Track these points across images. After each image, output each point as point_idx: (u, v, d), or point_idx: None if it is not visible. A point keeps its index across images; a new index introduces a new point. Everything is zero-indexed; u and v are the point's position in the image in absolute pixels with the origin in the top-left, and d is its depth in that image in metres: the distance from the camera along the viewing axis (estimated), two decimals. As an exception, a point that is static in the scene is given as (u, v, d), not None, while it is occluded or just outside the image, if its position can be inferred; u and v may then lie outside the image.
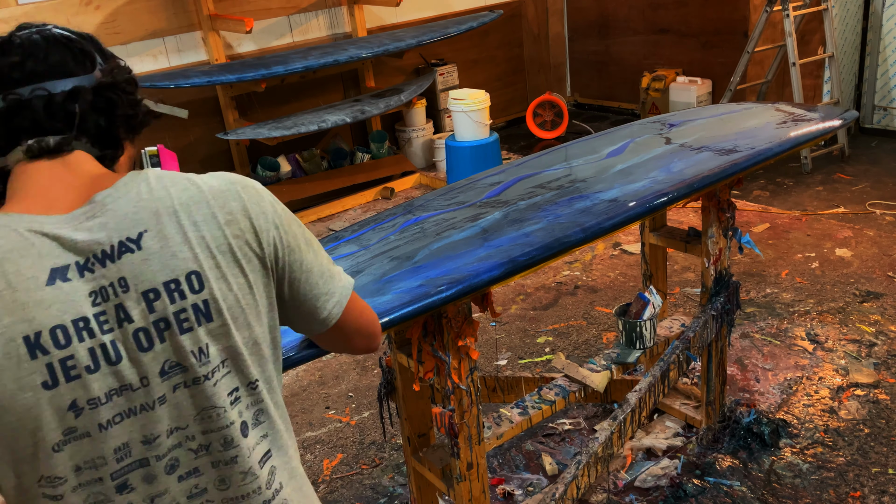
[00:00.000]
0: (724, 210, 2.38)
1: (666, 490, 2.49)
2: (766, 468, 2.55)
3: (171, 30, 5.03)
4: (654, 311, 2.36)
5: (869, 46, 5.55)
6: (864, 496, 2.40)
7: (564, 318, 3.63)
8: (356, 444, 2.90)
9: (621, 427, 2.24)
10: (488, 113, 5.18)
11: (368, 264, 1.84)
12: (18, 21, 4.86)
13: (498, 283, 1.71)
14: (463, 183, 2.33)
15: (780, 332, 3.32)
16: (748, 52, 5.25)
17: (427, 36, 5.31)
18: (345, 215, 5.23)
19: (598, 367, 2.29)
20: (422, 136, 5.91)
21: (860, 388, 2.90)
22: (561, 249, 1.78)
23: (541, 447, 2.77)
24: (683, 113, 2.80)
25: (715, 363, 2.57)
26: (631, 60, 6.62)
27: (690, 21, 6.08)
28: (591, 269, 4.09)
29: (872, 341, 3.18)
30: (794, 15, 4.96)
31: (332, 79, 5.72)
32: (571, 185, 2.15)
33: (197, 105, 5.21)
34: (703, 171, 2.10)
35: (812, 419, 2.76)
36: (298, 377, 3.38)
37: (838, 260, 3.89)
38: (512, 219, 1.95)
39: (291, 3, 5.49)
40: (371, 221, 2.14)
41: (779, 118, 2.54)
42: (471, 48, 6.52)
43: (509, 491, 2.56)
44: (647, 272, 2.73)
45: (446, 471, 2.03)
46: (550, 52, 7.08)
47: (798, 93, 4.98)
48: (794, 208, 4.56)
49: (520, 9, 6.85)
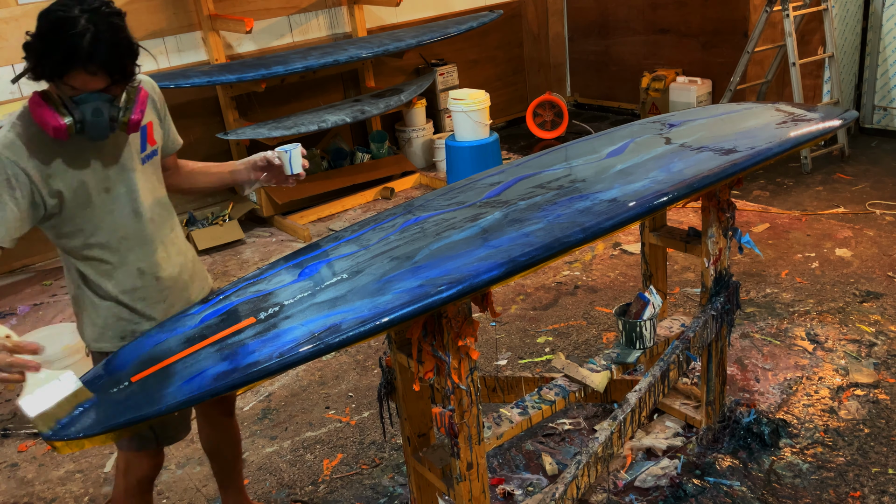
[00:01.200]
0: (724, 210, 2.38)
1: (666, 490, 2.49)
2: (766, 468, 2.55)
3: (171, 30, 5.03)
4: (654, 311, 2.36)
5: (869, 46, 5.55)
6: (864, 496, 2.40)
7: (564, 318, 3.63)
8: (356, 444, 2.90)
9: (621, 427, 2.24)
10: (488, 113, 5.18)
11: (368, 264, 1.84)
12: (18, 20, 4.89)
13: (498, 283, 1.70)
14: (463, 183, 2.32)
15: (780, 332, 3.32)
16: (748, 52, 5.25)
17: (427, 36, 5.31)
18: (345, 215, 5.23)
19: (598, 367, 2.29)
20: (422, 136, 5.91)
21: (860, 388, 2.90)
22: (561, 249, 1.78)
23: (541, 447, 2.77)
24: (683, 113, 2.80)
25: (715, 363, 2.57)
26: (631, 60, 6.62)
27: (690, 21, 6.08)
28: (591, 269, 4.09)
29: (872, 341, 3.18)
30: (794, 15, 4.96)
31: (332, 79, 5.72)
32: (571, 185, 2.15)
33: (197, 105, 5.21)
34: (703, 171, 2.10)
35: (812, 419, 2.76)
36: (298, 377, 3.39)
37: (838, 260, 3.89)
38: (512, 219, 1.95)
39: (291, 3, 5.49)
40: (371, 221, 2.14)
41: (779, 118, 2.54)
42: (471, 48, 6.53)
43: (509, 491, 2.56)
44: (647, 272, 2.73)
45: (446, 471, 2.03)
46: (550, 52, 7.08)
47: (798, 93, 4.98)
48: (794, 208, 4.57)
49: (520, 9, 6.85)
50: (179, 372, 1.50)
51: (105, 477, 2.89)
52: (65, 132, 1.68)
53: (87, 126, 1.69)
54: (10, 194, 1.70)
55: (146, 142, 1.92)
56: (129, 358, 1.60)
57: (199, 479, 2.81)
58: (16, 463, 3.03)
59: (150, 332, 1.70)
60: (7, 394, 3.51)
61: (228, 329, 1.63)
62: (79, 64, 1.63)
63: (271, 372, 1.47)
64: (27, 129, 1.74)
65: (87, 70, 1.64)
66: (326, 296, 1.70)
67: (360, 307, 1.62)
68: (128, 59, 1.69)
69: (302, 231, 4.92)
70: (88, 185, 1.81)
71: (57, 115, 1.68)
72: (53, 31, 1.62)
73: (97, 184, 1.82)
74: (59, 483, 2.89)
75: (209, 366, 1.50)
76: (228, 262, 4.70)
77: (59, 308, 4.31)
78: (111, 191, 1.85)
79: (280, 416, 3.13)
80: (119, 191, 1.86)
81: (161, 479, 2.83)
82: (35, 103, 1.70)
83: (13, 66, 4.57)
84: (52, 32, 1.62)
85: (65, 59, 1.62)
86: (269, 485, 2.75)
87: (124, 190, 1.87)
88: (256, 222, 5.29)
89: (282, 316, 1.65)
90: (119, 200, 1.87)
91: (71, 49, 1.61)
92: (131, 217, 1.89)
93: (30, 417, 1.40)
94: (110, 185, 1.85)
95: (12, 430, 3.23)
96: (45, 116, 1.68)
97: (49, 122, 1.67)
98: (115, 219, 1.87)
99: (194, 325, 1.69)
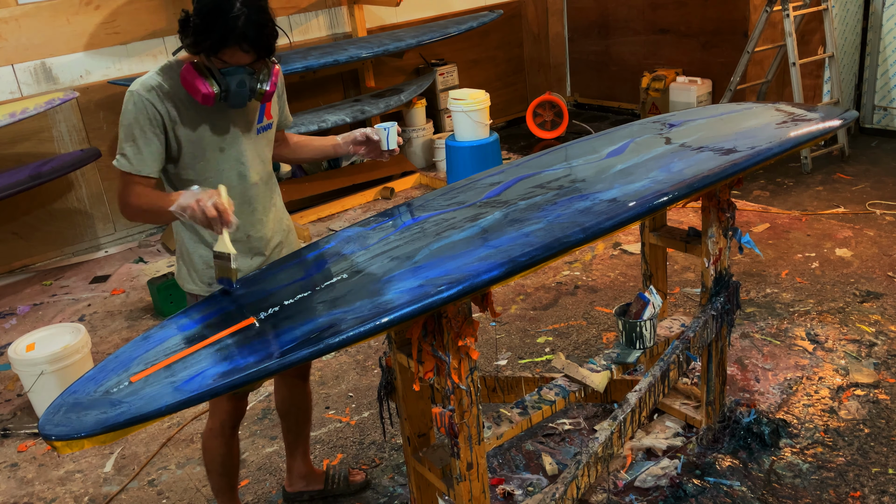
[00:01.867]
0: (724, 210, 2.38)
1: (666, 490, 2.49)
2: (766, 468, 2.55)
3: (171, 30, 5.03)
4: (654, 311, 2.36)
5: (869, 46, 5.55)
6: (864, 496, 2.40)
7: (564, 318, 3.63)
8: (356, 444, 2.90)
9: (621, 427, 2.24)
10: (488, 113, 5.18)
11: (368, 264, 1.84)
12: (18, 20, 4.88)
13: (498, 283, 1.70)
14: (463, 183, 2.33)
15: (780, 332, 3.32)
16: (748, 52, 5.25)
17: (427, 36, 5.31)
18: (345, 215, 5.23)
19: (598, 367, 2.29)
20: (422, 136, 5.91)
21: (860, 388, 2.90)
22: (561, 249, 1.78)
23: (541, 447, 2.77)
24: (683, 113, 2.80)
25: (715, 363, 2.57)
26: (631, 60, 6.62)
27: (690, 21, 6.08)
28: (591, 269, 4.09)
29: (872, 341, 3.18)
30: (794, 15, 4.96)
31: (332, 79, 5.72)
32: (571, 185, 2.15)
33: (197, 105, 5.21)
34: (703, 171, 2.10)
35: (812, 419, 2.76)
36: (298, 377, 3.39)
37: (838, 260, 3.89)
38: (512, 219, 1.95)
39: (291, 3, 5.49)
40: (371, 221, 2.14)
41: (779, 118, 2.54)
42: (471, 48, 6.53)
43: (509, 491, 2.56)
44: (647, 272, 2.73)
45: (446, 471, 2.03)
46: (550, 52, 7.08)
47: (798, 93, 4.98)
48: (794, 208, 4.57)
49: (520, 9, 6.85)
50: (179, 372, 1.50)
51: (105, 477, 2.89)
52: (212, 99, 1.94)
53: (231, 95, 1.95)
54: (153, 131, 1.97)
55: (263, 115, 2.16)
56: (130, 357, 1.60)
57: (199, 479, 2.81)
58: (16, 463, 3.03)
59: (150, 332, 1.70)
60: (7, 394, 3.51)
61: (228, 329, 1.63)
62: (233, 42, 1.88)
63: (271, 372, 1.47)
64: (166, 81, 1.99)
65: (241, 48, 1.89)
66: (326, 296, 1.70)
67: (360, 307, 1.62)
68: (272, 38, 1.94)
69: (302, 231, 4.92)
70: (205, 141, 2.04)
71: (207, 83, 1.93)
72: (212, 14, 1.86)
73: (213, 143, 2.05)
74: (59, 483, 2.89)
75: (209, 366, 1.50)
76: (228, 262, 4.70)
77: (59, 308, 4.31)
78: (224, 151, 2.08)
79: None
80: (231, 153, 2.09)
81: (161, 479, 2.83)
82: (188, 72, 1.93)
83: (13, 65, 4.57)
84: (211, 14, 1.86)
85: (222, 38, 1.87)
86: (269, 485, 2.75)
87: (235, 153, 2.10)
88: (256, 222, 5.28)
89: (282, 316, 1.65)
90: (229, 161, 2.09)
91: (228, 30, 1.86)
92: (237, 178, 2.11)
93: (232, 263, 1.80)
94: (225, 146, 2.08)
95: (12, 430, 3.23)
96: (197, 84, 1.92)
97: (200, 90, 1.92)
98: (223, 177, 2.08)
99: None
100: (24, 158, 4.66)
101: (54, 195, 4.85)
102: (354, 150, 2.31)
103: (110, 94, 4.89)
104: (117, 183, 2.04)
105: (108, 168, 4.98)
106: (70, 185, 4.89)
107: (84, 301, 4.37)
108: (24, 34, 4.58)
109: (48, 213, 4.85)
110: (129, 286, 4.51)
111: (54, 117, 4.75)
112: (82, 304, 4.34)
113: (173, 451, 2.99)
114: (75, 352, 3.20)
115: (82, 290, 4.53)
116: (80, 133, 4.86)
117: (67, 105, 4.75)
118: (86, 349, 3.27)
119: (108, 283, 4.58)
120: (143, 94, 1.95)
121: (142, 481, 2.85)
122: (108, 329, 4.01)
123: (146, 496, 2.76)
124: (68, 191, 4.90)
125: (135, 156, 1.97)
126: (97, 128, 4.91)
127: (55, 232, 4.90)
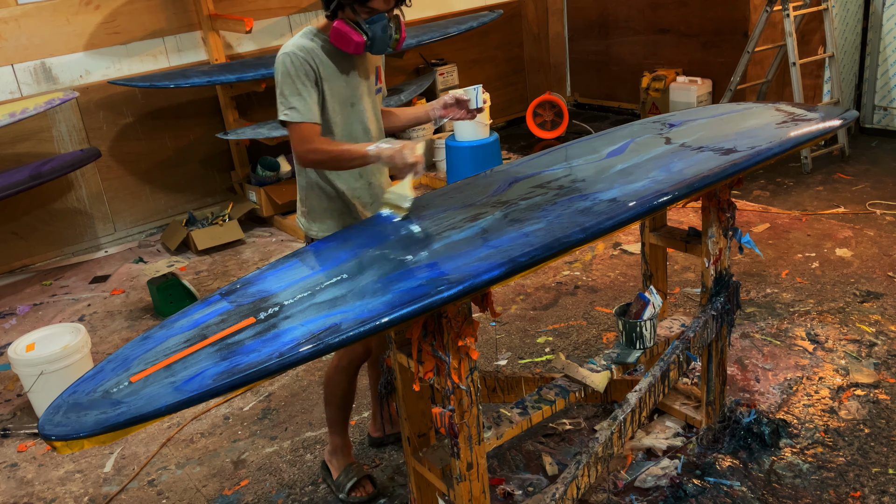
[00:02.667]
0: (724, 210, 2.38)
1: (666, 490, 2.49)
2: (766, 468, 2.55)
3: (171, 30, 5.04)
4: (654, 311, 2.36)
5: (869, 46, 5.55)
6: (865, 496, 2.40)
7: (564, 318, 3.63)
8: (356, 444, 2.90)
9: (621, 427, 2.24)
10: (488, 113, 5.18)
11: (369, 264, 1.84)
12: (18, 20, 4.88)
13: (498, 283, 1.70)
14: (463, 183, 2.33)
15: (780, 332, 3.32)
16: (748, 52, 5.25)
17: (427, 36, 5.31)
18: (345, 215, 5.22)
19: (598, 367, 2.29)
20: (422, 136, 5.91)
21: (860, 388, 2.90)
22: (561, 249, 1.78)
23: (541, 447, 2.76)
24: (683, 113, 2.80)
25: (715, 363, 2.57)
26: (631, 60, 6.62)
27: (690, 21, 6.08)
28: (591, 269, 4.09)
29: (872, 341, 3.18)
30: (794, 15, 4.96)
31: (332, 79, 5.72)
32: (572, 184, 2.15)
33: (197, 105, 5.21)
34: (703, 171, 2.10)
35: (812, 419, 2.76)
36: (298, 377, 3.39)
37: (838, 260, 3.89)
38: (512, 219, 1.95)
39: (291, 3, 5.49)
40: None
41: (779, 118, 2.54)
42: (471, 48, 6.53)
43: (509, 491, 2.56)
44: (647, 272, 2.73)
45: (446, 471, 2.03)
46: (550, 52, 7.07)
47: (798, 93, 4.97)
48: (794, 208, 4.57)
49: (520, 9, 6.85)
50: (179, 372, 1.50)
51: (105, 477, 2.89)
52: (362, 46, 2.21)
53: (377, 41, 2.22)
54: (312, 84, 2.22)
55: (377, 79, 2.44)
56: (130, 357, 1.60)
57: (199, 479, 2.81)
58: (16, 463, 3.03)
59: (150, 332, 1.70)
60: (7, 394, 3.51)
61: (228, 329, 1.63)
62: None
63: (271, 372, 1.47)
64: (312, 41, 2.25)
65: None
66: (326, 296, 1.70)
67: (360, 307, 1.62)
68: None
69: (302, 231, 4.91)
70: (342, 95, 2.30)
71: (358, 33, 2.19)
72: None
73: (347, 98, 2.32)
74: (58, 483, 2.89)
75: (209, 366, 1.50)
76: (228, 263, 4.70)
77: (59, 308, 4.31)
78: (355, 106, 2.34)
79: (280, 416, 3.13)
80: (359, 108, 2.36)
81: (161, 479, 2.83)
82: (340, 25, 2.19)
83: (13, 65, 4.57)
84: None
85: None
86: (269, 485, 2.75)
87: (361, 108, 2.37)
88: (256, 222, 5.29)
89: (282, 316, 1.65)
90: (358, 116, 2.36)
91: None
92: (362, 132, 2.38)
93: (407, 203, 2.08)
94: (355, 101, 2.34)
95: (12, 430, 3.23)
96: (351, 35, 2.19)
97: (353, 39, 2.19)
98: (352, 130, 2.36)
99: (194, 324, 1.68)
100: (24, 158, 4.66)
101: (54, 195, 4.85)
102: (445, 112, 2.50)
103: (110, 94, 4.89)
104: (291, 136, 2.26)
105: (107, 168, 4.99)
106: (70, 185, 4.89)
107: (84, 301, 4.37)
108: (24, 34, 4.58)
109: (48, 213, 4.85)
110: (128, 286, 4.51)
111: (54, 117, 4.75)
112: (82, 304, 4.34)
113: (173, 451, 2.99)
114: (75, 352, 3.20)
115: (82, 290, 4.53)
116: (80, 133, 4.86)
117: (67, 105, 4.75)
118: (86, 349, 3.27)
119: (108, 283, 4.58)
120: (298, 53, 2.20)
121: (142, 481, 2.85)
122: (107, 329, 4.01)
123: (146, 496, 2.76)
124: (68, 191, 4.90)
125: (304, 106, 2.21)
126: (97, 128, 4.91)
127: (55, 232, 4.90)
